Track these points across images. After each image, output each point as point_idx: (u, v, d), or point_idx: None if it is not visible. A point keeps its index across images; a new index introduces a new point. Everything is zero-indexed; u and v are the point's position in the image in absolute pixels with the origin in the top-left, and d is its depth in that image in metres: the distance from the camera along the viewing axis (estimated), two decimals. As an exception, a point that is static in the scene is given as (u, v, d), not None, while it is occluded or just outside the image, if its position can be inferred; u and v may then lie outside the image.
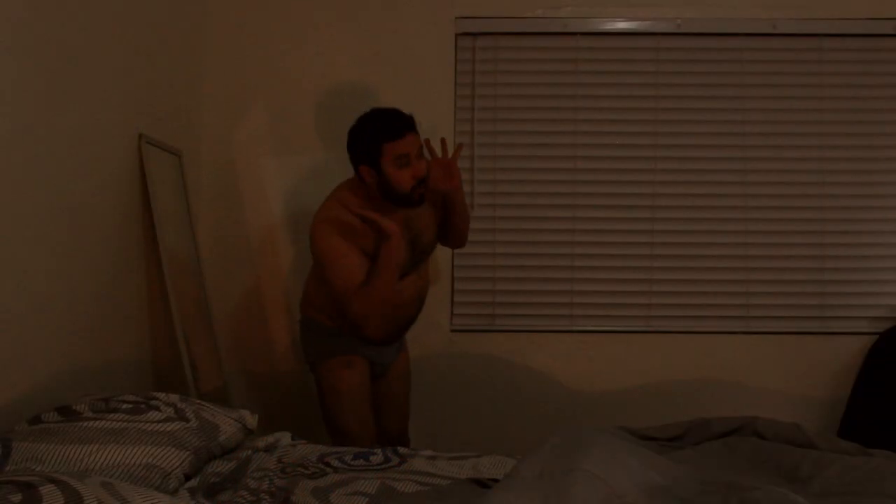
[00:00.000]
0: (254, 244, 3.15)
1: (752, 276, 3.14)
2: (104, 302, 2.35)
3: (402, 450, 2.10)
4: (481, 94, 3.17)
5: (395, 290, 2.35)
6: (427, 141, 2.50)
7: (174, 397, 1.98)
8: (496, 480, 1.75)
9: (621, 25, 3.15)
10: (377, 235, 2.32)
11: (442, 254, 3.04)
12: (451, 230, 2.69)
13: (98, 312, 2.31)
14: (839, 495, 1.53)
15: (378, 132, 2.34)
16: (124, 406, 1.85)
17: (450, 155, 2.52)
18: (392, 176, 2.34)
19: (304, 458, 2.01)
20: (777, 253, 3.14)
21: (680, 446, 1.93)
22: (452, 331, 3.14)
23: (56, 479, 1.32)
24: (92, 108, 2.26)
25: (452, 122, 3.14)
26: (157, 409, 1.88)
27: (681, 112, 3.16)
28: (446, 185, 2.51)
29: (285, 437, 2.21)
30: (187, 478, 1.79)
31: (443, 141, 2.52)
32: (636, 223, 3.16)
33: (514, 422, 3.11)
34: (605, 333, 3.14)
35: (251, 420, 2.15)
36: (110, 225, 2.39)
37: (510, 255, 3.15)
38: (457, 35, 3.15)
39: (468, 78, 3.17)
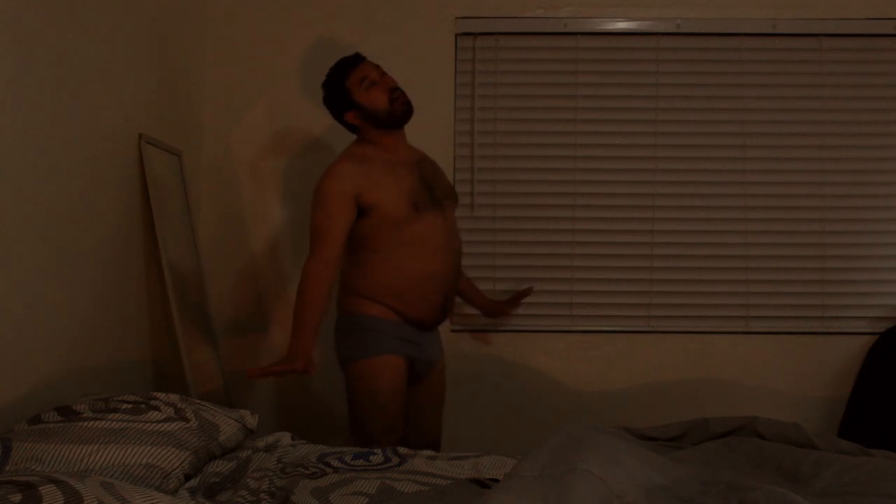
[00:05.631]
0: (254, 244, 3.15)
1: (752, 276, 3.14)
2: (104, 302, 2.35)
3: (402, 450, 2.09)
4: (481, 94, 3.17)
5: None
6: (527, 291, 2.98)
7: (174, 397, 1.98)
8: (496, 480, 1.75)
9: (621, 25, 3.15)
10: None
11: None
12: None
13: (98, 312, 2.31)
14: (839, 495, 1.53)
15: (336, 76, 2.52)
16: (124, 406, 1.85)
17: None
18: (366, 101, 2.47)
19: (304, 458, 2.01)
20: (777, 253, 3.14)
21: (680, 446, 1.93)
22: (452, 331, 3.14)
23: (56, 479, 1.32)
24: (92, 108, 2.26)
25: (452, 122, 3.14)
26: (157, 409, 1.87)
27: (681, 112, 3.16)
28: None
29: (285, 437, 2.20)
30: (187, 478, 1.79)
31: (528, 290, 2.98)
32: (636, 223, 3.16)
33: (514, 422, 3.11)
34: (605, 333, 3.14)
35: (251, 420, 2.15)
36: (110, 225, 2.39)
37: (510, 255, 3.15)
38: (457, 35, 3.15)
39: (468, 78, 3.17)
